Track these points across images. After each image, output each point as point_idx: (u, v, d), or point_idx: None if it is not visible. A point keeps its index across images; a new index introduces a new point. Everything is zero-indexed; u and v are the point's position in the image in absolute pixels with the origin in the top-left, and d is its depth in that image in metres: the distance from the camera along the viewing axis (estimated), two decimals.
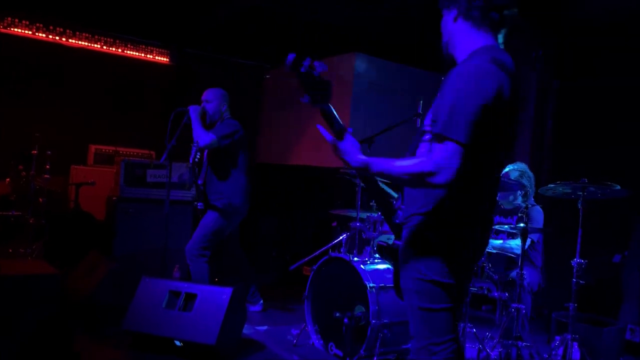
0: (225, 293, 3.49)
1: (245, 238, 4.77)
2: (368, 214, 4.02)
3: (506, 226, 3.72)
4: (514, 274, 3.77)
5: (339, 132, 1.91)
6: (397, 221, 2.06)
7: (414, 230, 1.94)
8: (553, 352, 3.53)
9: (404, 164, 1.79)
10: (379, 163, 1.84)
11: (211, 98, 4.46)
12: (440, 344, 1.89)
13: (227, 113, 4.53)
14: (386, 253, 2.12)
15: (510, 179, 3.92)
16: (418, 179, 1.76)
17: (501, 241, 3.98)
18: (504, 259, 3.99)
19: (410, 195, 2.00)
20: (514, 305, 3.46)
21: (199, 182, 4.45)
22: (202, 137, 4.16)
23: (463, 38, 1.96)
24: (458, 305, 1.96)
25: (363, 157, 1.87)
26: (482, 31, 1.93)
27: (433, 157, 1.74)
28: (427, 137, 1.91)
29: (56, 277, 3.68)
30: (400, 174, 1.80)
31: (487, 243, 2.11)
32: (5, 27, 6.08)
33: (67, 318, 3.67)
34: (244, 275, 4.72)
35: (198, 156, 4.12)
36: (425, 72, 6.49)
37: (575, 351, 3.48)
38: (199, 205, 4.35)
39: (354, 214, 4.03)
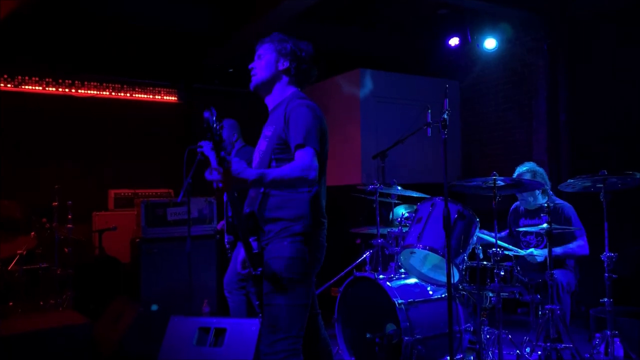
0: (254, 324, 3.46)
1: None
2: (389, 230, 3.98)
3: (537, 228, 3.57)
4: (545, 276, 3.66)
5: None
6: None
7: None
8: (594, 351, 3.40)
9: None
10: None
11: None
12: None
13: (240, 142, 4.52)
14: None
15: (526, 179, 3.86)
16: None
17: (529, 251, 3.85)
18: (533, 262, 3.89)
19: None
20: (548, 306, 3.36)
21: (229, 213, 4.41)
22: None
23: None
24: None
25: None
26: None
27: None
28: None
29: (88, 326, 3.71)
30: None
31: None
32: (16, 86, 6.27)
33: None
34: None
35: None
36: (431, 79, 6.46)
37: (618, 347, 3.36)
38: (229, 238, 4.28)
39: (374, 231, 3.99)
